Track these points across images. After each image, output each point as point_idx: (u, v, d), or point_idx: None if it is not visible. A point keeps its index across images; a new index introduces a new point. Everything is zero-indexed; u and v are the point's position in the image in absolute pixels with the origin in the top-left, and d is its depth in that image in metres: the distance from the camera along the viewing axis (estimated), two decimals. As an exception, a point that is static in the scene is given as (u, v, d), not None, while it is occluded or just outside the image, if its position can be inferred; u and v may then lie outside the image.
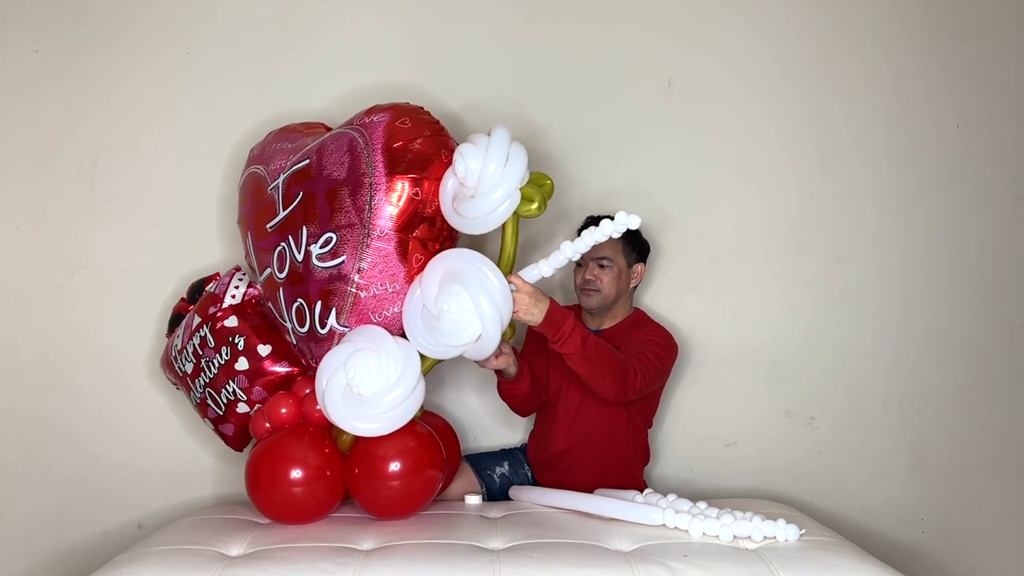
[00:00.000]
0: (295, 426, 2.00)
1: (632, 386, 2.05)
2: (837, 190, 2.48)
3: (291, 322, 2.04)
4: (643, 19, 2.45)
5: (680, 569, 1.63)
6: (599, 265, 2.19)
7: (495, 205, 1.89)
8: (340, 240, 1.95)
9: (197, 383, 2.13)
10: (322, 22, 2.42)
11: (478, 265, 1.89)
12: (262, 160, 2.15)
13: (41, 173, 2.38)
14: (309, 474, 1.93)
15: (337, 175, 1.97)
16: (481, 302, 1.86)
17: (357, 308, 1.96)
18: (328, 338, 1.99)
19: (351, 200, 1.95)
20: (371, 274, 1.95)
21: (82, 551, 2.37)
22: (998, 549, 2.53)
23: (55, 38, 2.38)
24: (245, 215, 2.16)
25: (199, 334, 2.10)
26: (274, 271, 2.05)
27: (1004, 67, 2.49)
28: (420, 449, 1.96)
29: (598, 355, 2.00)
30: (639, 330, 2.21)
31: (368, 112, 2.03)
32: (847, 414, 2.49)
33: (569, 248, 1.93)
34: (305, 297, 1.99)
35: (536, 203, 1.90)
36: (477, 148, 1.90)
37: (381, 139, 1.96)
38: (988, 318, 2.51)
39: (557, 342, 1.98)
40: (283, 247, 2.02)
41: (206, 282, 2.22)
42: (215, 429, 2.18)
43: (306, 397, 2.01)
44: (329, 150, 2.01)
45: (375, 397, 1.88)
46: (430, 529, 1.88)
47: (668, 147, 2.46)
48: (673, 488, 2.14)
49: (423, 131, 1.98)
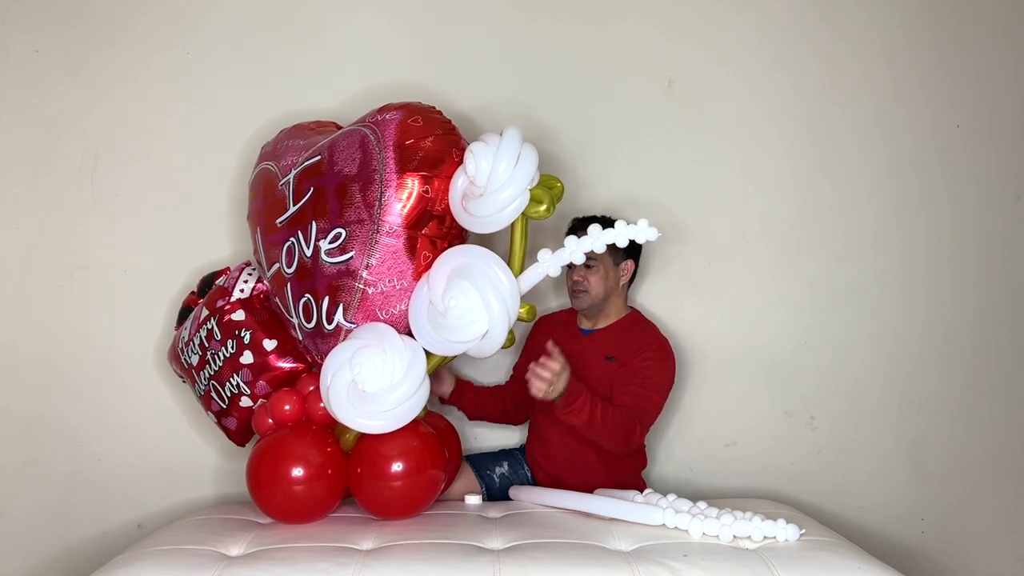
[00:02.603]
0: (298, 424, 2.00)
1: (636, 442, 2.14)
2: (837, 190, 2.48)
3: (298, 317, 2.03)
4: (643, 19, 2.44)
5: (680, 569, 1.63)
6: (585, 266, 2.18)
7: (504, 204, 1.89)
8: (349, 236, 1.95)
9: (202, 375, 2.12)
10: (325, 21, 2.41)
11: (487, 262, 1.89)
12: (273, 157, 2.14)
13: (41, 173, 2.38)
14: (311, 473, 1.92)
15: (348, 171, 1.97)
16: (489, 298, 1.86)
17: (364, 304, 1.96)
18: (334, 334, 1.98)
19: (361, 196, 1.95)
20: (379, 270, 1.94)
21: (82, 551, 2.37)
22: (998, 549, 2.53)
23: (55, 38, 2.38)
24: (255, 211, 2.15)
25: (206, 327, 2.10)
26: (282, 266, 2.04)
27: (1004, 67, 2.49)
28: (423, 449, 1.95)
29: (603, 424, 2.03)
30: (634, 340, 2.20)
31: (381, 110, 2.04)
32: (847, 414, 2.49)
33: (575, 244, 1.93)
34: (313, 292, 1.99)
35: (545, 205, 1.90)
36: (489, 147, 1.90)
37: (393, 136, 1.96)
38: (988, 318, 2.51)
39: (567, 412, 2.00)
40: (292, 242, 2.02)
41: (216, 276, 2.22)
42: (218, 423, 2.18)
43: (310, 394, 2.00)
44: (341, 147, 2.01)
45: (380, 394, 1.88)
46: (430, 529, 1.87)
47: (668, 147, 2.46)
48: (673, 488, 2.14)
49: (435, 129, 1.98)
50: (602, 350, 2.20)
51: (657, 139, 2.46)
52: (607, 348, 2.20)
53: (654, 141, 2.46)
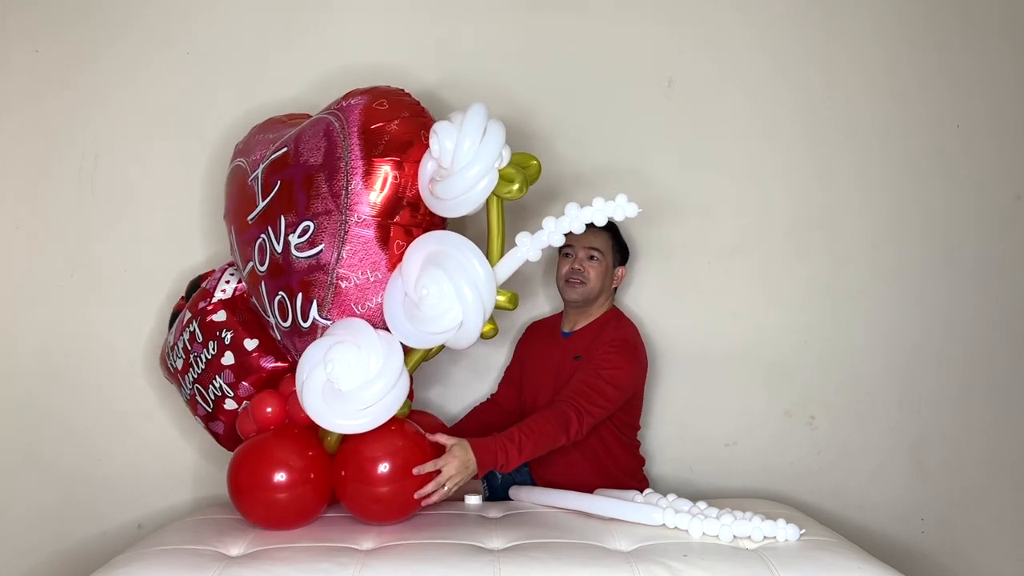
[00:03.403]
0: (279, 427, 1.93)
1: (581, 431, 2.02)
2: (837, 190, 2.48)
3: (274, 316, 1.98)
4: (643, 18, 2.45)
5: (680, 569, 1.63)
6: (589, 256, 2.15)
7: (471, 184, 1.79)
8: (318, 228, 1.88)
9: (187, 379, 2.08)
10: (326, 21, 2.41)
11: (460, 248, 1.81)
12: (244, 153, 2.09)
13: (41, 173, 2.39)
14: (293, 478, 1.85)
15: (313, 161, 1.90)
16: (463, 287, 1.78)
17: (339, 299, 1.89)
18: (311, 332, 1.92)
19: (327, 186, 1.88)
20: (351, 263, 1.88)
21: (82, 551, 2.37)
22: (998, 549, 2.53)
23: (55, 38, 2.38)
24: (230, 209, 2.11)
25: (188, 329, 2.06)
26: (255, 264, 1.99)
27: (1004, 67, 2.49)
28: (410, 449, 1.87)
29: (536, 445, 1.95)
30: (601, 338, 2.15)
31: (346, 96, 1.97)
32: (847, 414, 2.49)
33: (553, 225, 1.82)
34: (286, 289, 1.93)
35: (517, 184, 1.80)
36: (452, 125, 1.81)
37: (357, 121, 1.88)
38: (988, 318, 2.51)
39: (503, 467, 1.91)
40: (263, 239, 1.96)
41: (202, 279, 2.19)
42: (206, 427, 2.14)
43: (293, 395, 1.92)
44: (306, 136, 1.95)
45: (356, 392, 1.80)
46: (430, 529, 1.87)
47: (668, 147, 2.46)
48: (673, 488, 2.14)
49: (401, 112, 1.90)
50: (573, 351, 2.19)
51: (657, 139, 2.46)
52: (578, 349, 2.18)
53: (654, 141, 2.45)
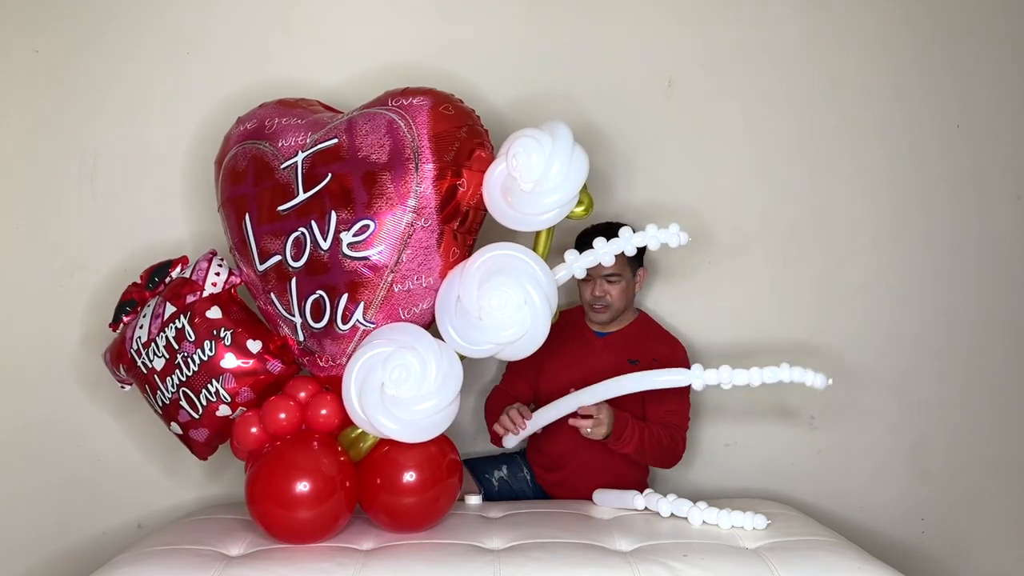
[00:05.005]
0: (300, 435, 1.83)
1: (680, 456, 2.18)
2: (837, 189, 2.48)
3: (302, 316, 1.89)
4: (643, 19, 2.44)
5: (680, 569, 1.63)
6: (607, 280, 2.18)
7: (549, 208, 1.86)
8: (378, 228, 1.83)
9: (168, 381, 1.91)
10: (325, 22, 2.41)
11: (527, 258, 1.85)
12: (263, 136, 1.95)
13: (41, 173, 2.38)
14: (325, 489, 1.76)
15: (376, 158, 1.84)
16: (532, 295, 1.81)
17: (388, 303, 1.86)
18: (349, 335, 1.87)
19: (394, 186, 1.83)
20: (410, 267, 1.85)
21: (82, 551, 2.36)
22: (998, 549, 2.53)
23: (55, 38, 2.38)
24: (240, 195, 1.95)
25: (174, 325, 1.89)
26: (285, 259, 1.88)
27: (1004, 67, 2.49)
28: (440, 456, 1.87)
29: (652, 447, 2.08)
30: (656, 345, 2.23)
31: (404, 94, 1.92)
32: (847, 414, 2.49)
33: (604, 245, 1.94)
34: (328, 289, 1.86)
35: (584, 205, 1.91)
36: (541, 144, 1.84)
37: (427, 124, 1.85)
38: (988, 318, 2.50)
39: (618, 444, 2.04)
40: (302, 232, 1.86)
41: (171, 266, 2.01)
42: (183, 435, 1.98)
43: (310, 402, 1.85)
44: (363, 130, 1.87)
45: (411, 400, 1.78)
46: (430, 529, 1.87)
47: (668, 147, 2.46)
48: (673, 488, 2.14)
49: (466, 120, 1.91)
50: (622, 353, 2.21)
51: (657, 139, 2.45)
52: (627, 351, 2.21)
53: (654, 141, 2.45)
